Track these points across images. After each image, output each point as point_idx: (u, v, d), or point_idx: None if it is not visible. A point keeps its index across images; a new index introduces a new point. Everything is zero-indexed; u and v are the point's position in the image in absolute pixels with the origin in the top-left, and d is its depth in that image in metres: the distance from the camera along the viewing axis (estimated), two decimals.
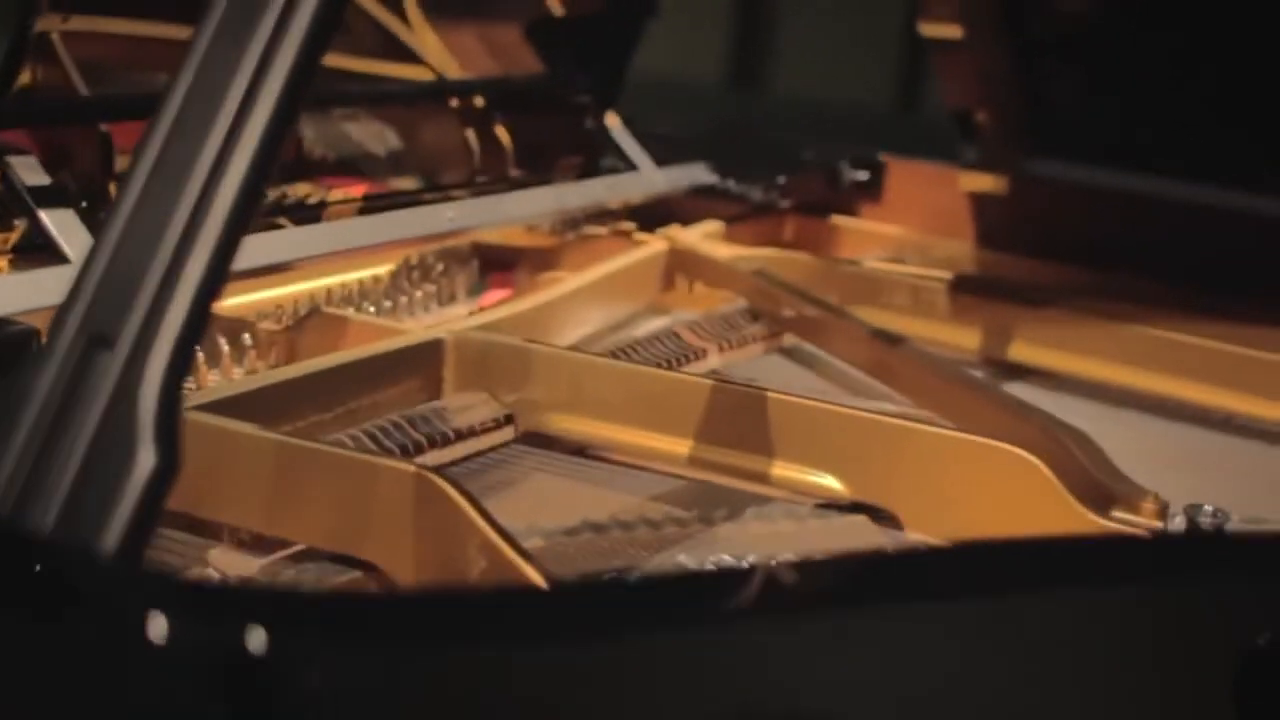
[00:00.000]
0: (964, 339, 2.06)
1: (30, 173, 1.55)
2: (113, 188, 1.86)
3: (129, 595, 0.85)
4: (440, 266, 2.16)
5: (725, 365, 1.94)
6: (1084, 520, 1.39)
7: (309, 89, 0.98)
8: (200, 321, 0.93)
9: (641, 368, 1.67)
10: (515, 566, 1.20)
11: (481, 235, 2.23)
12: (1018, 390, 1.96)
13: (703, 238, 2.26)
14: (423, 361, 1.64)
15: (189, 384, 1.63)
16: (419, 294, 2.03)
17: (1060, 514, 1.40)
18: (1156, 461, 1.73)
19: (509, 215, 2.02)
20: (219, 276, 0.94)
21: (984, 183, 2.47)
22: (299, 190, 2.11)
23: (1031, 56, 2.40)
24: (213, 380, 1.69)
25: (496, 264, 2.29)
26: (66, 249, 1.51)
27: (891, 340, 1.79)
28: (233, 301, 1.90)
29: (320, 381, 1.54)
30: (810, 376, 1.94)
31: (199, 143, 0.95)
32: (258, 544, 1.36)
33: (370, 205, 2.01)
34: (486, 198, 2.07)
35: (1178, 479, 1.68)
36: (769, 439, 1.53)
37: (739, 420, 1.54)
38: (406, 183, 2.31)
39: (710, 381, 1.58)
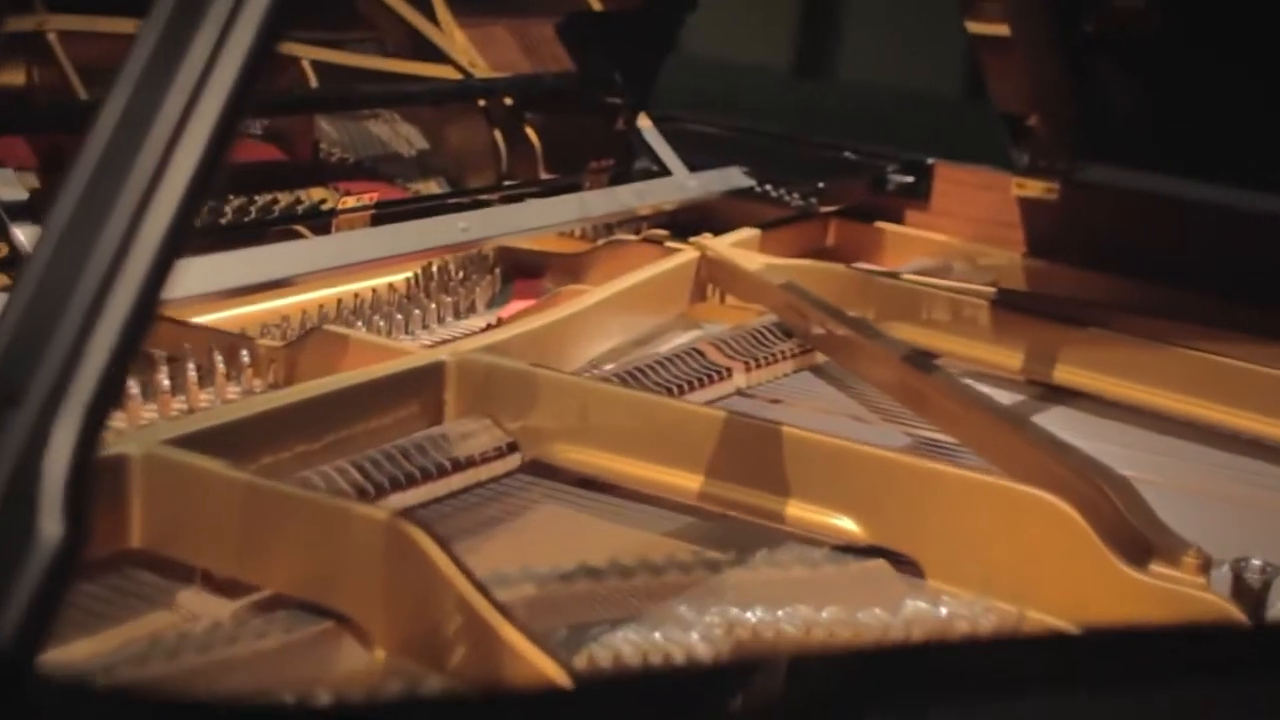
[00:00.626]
0: (1005, 358, 1.95)
1: (5, 186, 1.47)
2: None
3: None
4: (460, 275, 2.08)
5: (752, 384, 1.84)
6: (1118, 574, 1.29)
7: (244, 119, 0.89)
8: (119, 376, 0.84)
9: (652, 396, 1.58)
10: (491, 626, 1.11)
11: (508, 241, 2.15)
12: (1061, 415, 1.86)
13: (735, 246, 2.16)
14: (423, 385, 1.55)
15: (179, 405, 1.56)
16: (434, 306, 1.95)
17: (1093, 566, 1.29)
18: (1210, 499, 1.62)
19: (527, 224, 1.93)
20: (142, 323, 0.85)
21: (1035, 188, 2.35)
22: (313, 195, 2.03)
23: (1085, 57, 2.27)
24: (205, 401, 1.62)
25: (523, 271, 2.21)
26: None
27: (923, 366, 1.68)
28: (235, 313, 1.83)
29: (310, 409, 1.45)
30: (841, 398, 1.84)
31: (123, 177, 0.87)
32: (232, 586, 1.28)
33: (384, 213, 1.92)
34: (506, 206, 1.98)
35: (1230, 518, 1.58)
36: (784, 476, 1.43)
37: (752, 455, 1.44)
38: (429, 187, 2.23)
39: (723, 414, 1.48)
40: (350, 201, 1.88)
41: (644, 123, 2.25)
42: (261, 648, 1.18)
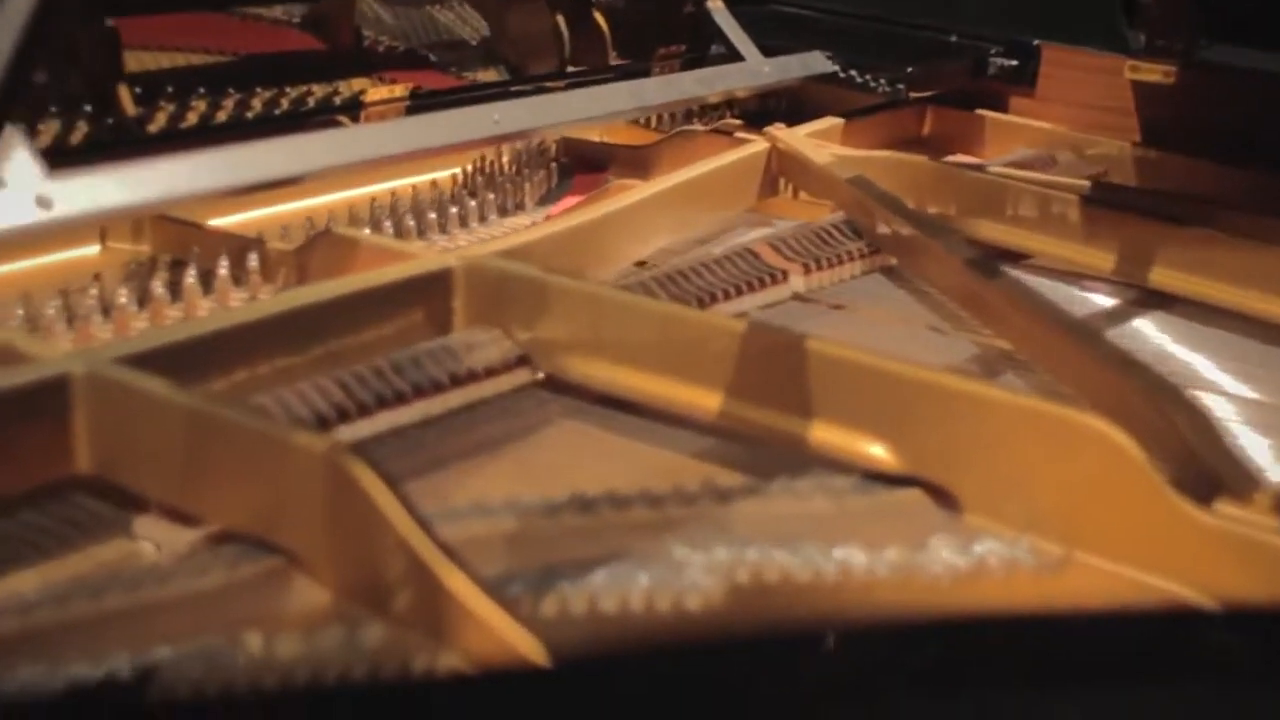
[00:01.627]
0: (1101, 258, 1.76)
1: None
2: (122, 90, 1.69)
3: None
4: (513, 169, 1.94)
5: (813, 288, 1.69)
6: (1175, 512, 1.12)
7: None
8: None
9: (672, 306, 1.43)
10: (434, 572, 0.98)
11: (568, 132, 2.01)
12: (1161, 321, 1.67)
13: (813, 137, 1.99)
14: (428, 293, 1.42)
15: (173, 312, 1.46)
16: (473, 204, 1.81)
17: (1148, 503, 1.13)
18: None
19: (568, 116, 1.77)
20: None
21: (1150, 71, 2.14)
22: (354, 86, 1.91)
23: None
24: (206, 309, 1.51)
25: (586, 165, 2.07)
26: None
27: (986, 270, 1.51)
28: (259, 214, 1.72)
29: (296, 319, 1.33)
30: (913, 304, 1.68)
31: None
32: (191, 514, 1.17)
33: (419, 105, 1.79)
34: (546, 96, 1.83)
35: None
36: (812, 395, 1.28)
37: (778, 372, 1.29)
38: (487, 76, 2.09)
39: (746, 326, 1.33)
40: (382, 93, 1.75)
41: (715, 3, 2.08)
42: (201, 587, 1.07)
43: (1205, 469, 1.15)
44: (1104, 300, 1.73)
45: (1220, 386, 1.50)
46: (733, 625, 1.07)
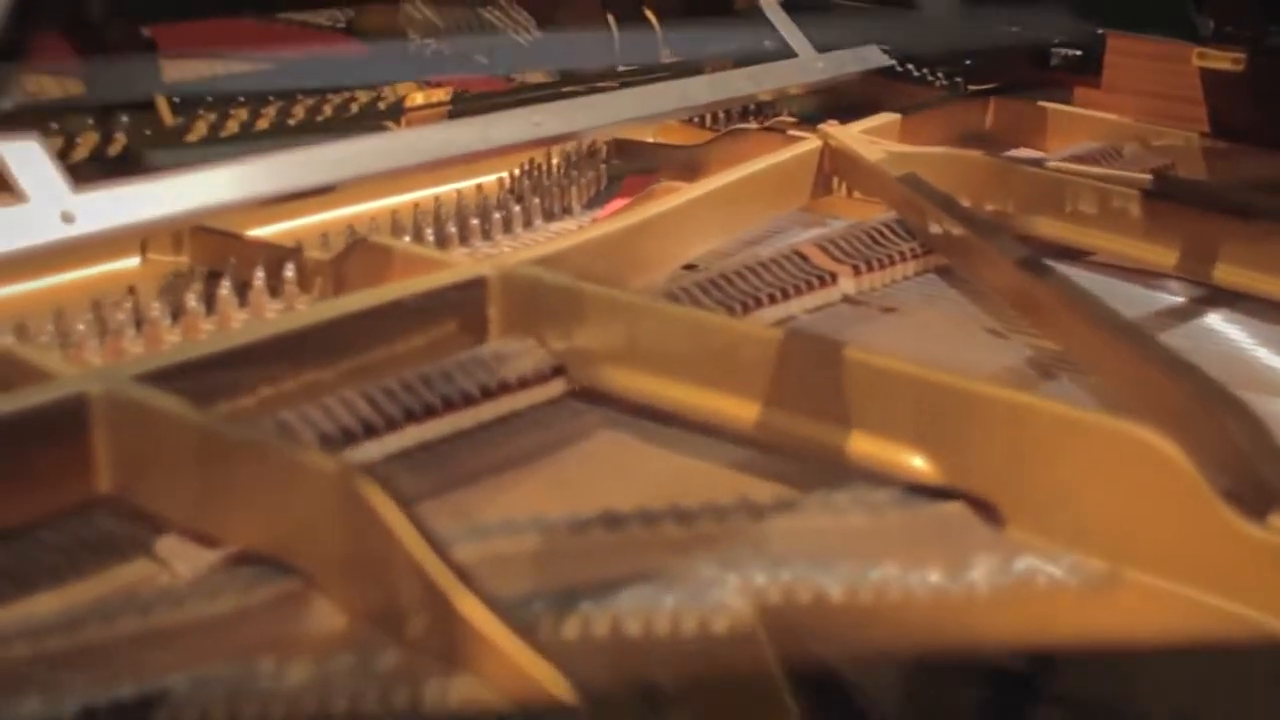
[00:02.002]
0: (1164, 255, 1.71)
1: None
2: (160, 100, 1.67)
3: None
4: (560, 173, 1.91)
5: (864, 290, 1.64)
6: (1228, 527, 1.07)
7: None
8: None
9: (709, 315, 1.39)
10: (449, 600, 0.95)
11: (622, 132, 1.97)
12: (1227, 321, 1.61)
13: (869, 133, 1.95)
14: (462, 303, 1.39)
15: (208, 326, 1.44)
16: (518, 209, 1.78)
17: (1200, 517, 1.08)
18: None
19: (612, 117, 1.73)
20: None
21: (1219, 59, 2.07)
22: (400, 91, 1.88)
23: None
24: (240, 320, 1.49)
25: (637, 166, 2.03)
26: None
27: (1037, 270, 1.46)
28: (297, 224, 1.70)
29: (324, 333, 1.31)
30: (968, 305, 1.63)
31: None
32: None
33: (459, 109, 1.76)
34: (591, 97, 1.79)
35: None
36: (851, 406, 1.24)
37: (816, 381, 1.25)
38: (535, 77, 2.06)
39: (783, 335, 1.29)
40: (421, 98, 1.73)
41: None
42: (215, 611, 1.05)
43: (1261, 481, 1.10)
44: (1170, 298, 1.68)
45: None
46: (761, 648, 1.03)
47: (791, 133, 1.96)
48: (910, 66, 2.13)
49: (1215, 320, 1.61)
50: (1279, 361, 1.51)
